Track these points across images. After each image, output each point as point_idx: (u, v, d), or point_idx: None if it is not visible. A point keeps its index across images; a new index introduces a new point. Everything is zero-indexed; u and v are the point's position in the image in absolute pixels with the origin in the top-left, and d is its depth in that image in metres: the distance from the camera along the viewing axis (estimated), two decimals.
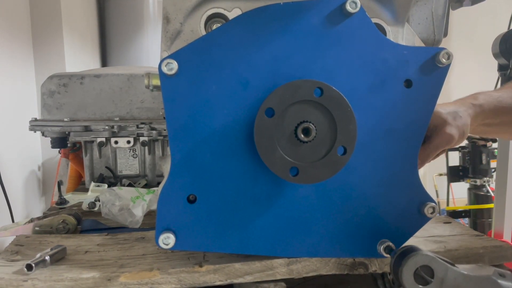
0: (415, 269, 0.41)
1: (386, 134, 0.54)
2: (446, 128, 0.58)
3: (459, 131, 0.58)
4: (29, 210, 1.58)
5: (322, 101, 0.49)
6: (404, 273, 0.41)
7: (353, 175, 0.55)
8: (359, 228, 0.56)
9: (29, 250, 0.65)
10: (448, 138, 0.58)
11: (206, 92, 0.51)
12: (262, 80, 0.51)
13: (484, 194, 1.87)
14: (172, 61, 0.49)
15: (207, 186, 0.53)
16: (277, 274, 0.56)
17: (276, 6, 0.51)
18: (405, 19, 0.59)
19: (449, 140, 0.58)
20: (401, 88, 0.54)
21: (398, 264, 0.43)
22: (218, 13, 0.55)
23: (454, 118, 0.59)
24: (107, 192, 0.90)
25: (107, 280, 0.54)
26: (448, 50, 0.53)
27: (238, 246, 0.55)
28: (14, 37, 1.55)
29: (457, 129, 0.58)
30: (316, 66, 0.52)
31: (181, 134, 0.52)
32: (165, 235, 0.52)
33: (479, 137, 1.90)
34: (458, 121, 0.58)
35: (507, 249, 0.63)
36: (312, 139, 0.49)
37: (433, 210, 0.55)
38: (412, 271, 0.41)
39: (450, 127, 0.58)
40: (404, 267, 0.42)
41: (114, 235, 0.73)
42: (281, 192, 0.54)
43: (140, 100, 1.27)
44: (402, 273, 0.41)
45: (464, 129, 0.59)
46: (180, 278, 0.55)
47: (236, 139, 0.52)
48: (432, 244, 0.63)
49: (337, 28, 0.52)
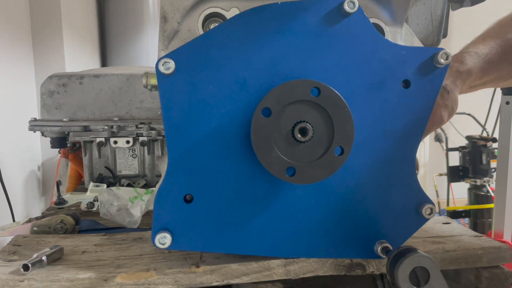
0: (411, 270, 0.41)
1: (384, 135, 0.54)
2: (436, 110, 0.57)
3: (449, 110, 0.58)
4: (29, 210, 1.58)
5: (319, 101, 0.49)
6: (399, 275, 0.41)
7: (351, 176, 0.54)
8: (357, 229, 0.56)
9: (27, 250, 0.65)
10: (438, 120, 0.58)
11: (203, 92, 0.51)
12: (260, 79, 0.51)
13: (484, 194, 1.87)
14: (169, 61, 0.49)
15: (204, 186, 0.53)
16: (274, 274, 0.56)
17: (274, 5, 0.51)
18: (403, 19, 0.58)
19: (440, 122, 0.58)
20: (399, 89, 0.54)
21: (393, 265, 0.43)
22: (215, 13, 0.54)
23: (442, 96, 0.57)
24: (106, 192, 0.90)
25: (104, 280, 0.53)
26: (446, 50, 0.53)
27: (235, 246, 0.55)
28: (14, 37, 1.55)
29: (446, 108, 0.57)
30: (314, 66, 0.52)
31: (177, 134, 0.51)
32: (162, 235, 0.52)
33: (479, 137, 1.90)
34: (447, 99, 0.57)
35: (506, 250, 0.62)
36: (309, 139, 0.48)
37: (430, 211, 0.55)
38: (407, 272, 0.41)
39: (439, 108, 0.57)
40: (399, 268, 0.41)
41: (111, 235, 0.73)
42: (278, 192, 0.54)
43: (139, 100, 1.27)
44: (397, 275, 0.41)
45: (453, 105, 0.58)
46: (176, 279, 0.55)
47: (233, 139, 0.52)
48: (430, 245, 0.63)
49: (335, 28, 0.52)
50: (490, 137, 2.00)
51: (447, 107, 0.57)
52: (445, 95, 0.57)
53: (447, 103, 0.57)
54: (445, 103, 0.57)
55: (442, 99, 0.57)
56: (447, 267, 0.61)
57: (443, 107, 0.57)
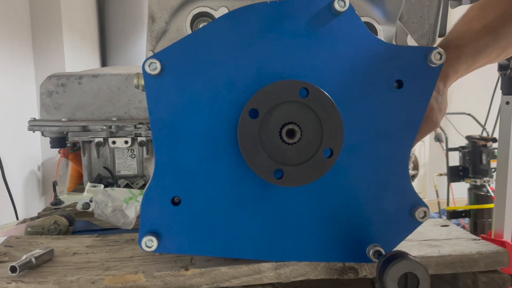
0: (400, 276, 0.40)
1: (376, 136, 0.53)
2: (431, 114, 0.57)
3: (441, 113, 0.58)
4: (28, 210, 1.59)
5: (307, 102, 0.47)
6: (388, 280, 0.40)
7: (342, 178, 0.53)
8: (349, 232, 0.55)
9: (18, 252, 0.65)
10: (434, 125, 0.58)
11: (191, 92, 0.50)
12: (248, 80, 0.50)
13: (484, 194, 1.86)
14: (155, 61, 0.48)
15: (192, 188, 0.52)
16: (264, 278, 0.55)
17: (262, 4, 0.50)
18: (397, 18, 0.57)
19: (435, 126, 0.58)
20: (391, 89, 0.52)
21: (382, 270, 0.42)
22: (204, 12, 0.53)
23: (436, 99, 0.58)
24: (100, 193, 0.89)
25: (91, 283, 0.53)
26: (440, 49, 0.51)
27: (224, 249, 0.54)
28: (14, 37, 1.55)
29: (440, 111, 0.58)
30: (304, 66, 0.51)
31: (165, 135, 0.51)
32: (148, 238, 0.52)
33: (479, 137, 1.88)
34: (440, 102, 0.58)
35: (504, 255, 0.61)
36: (297, 141, 0.47)
37: (424, 214, 0.54)
38: (396, 278, 0.40)
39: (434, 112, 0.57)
40: (388, 273, 0.40)
41: (104, 236, 0.72)
42: (267, 194, 0.53)
43: (138, 100, 1.26)
44: (386, 280, 0.40)
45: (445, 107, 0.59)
46: (165, 282, 0.54)
47: (221, 140, 0.51)
48: (426, 248, 0.62)
49: (325, 27, 0.50)
50: (490, 137, 1.98)
51: (440, 110, 0.57)
52: (438, 98, 0.57)
53: (440, 107, 0.57)
54: (439, 107, 0.57)
55: (436, 103, 0.57)
56: (443, 271, 0.59)
57: (436, 110, 0.56)
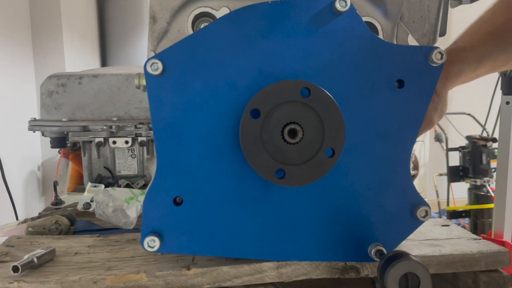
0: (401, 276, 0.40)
1: (377, 136, 0.53)
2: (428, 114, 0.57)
3: (438, 114, 0.59)
4: (28, 210, 1.59)
5: (309, 101, 0.48)
6: (389, 280, 0.40)
7: (344, 177, 0.53)
8: (350, 232, 0.55)
9: (19, 251, 0.65)
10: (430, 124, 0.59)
11: (192, 92, 0.50)
12: (249, 80, 0.50)
13: (484, 194, 1.86)
14: (157, 61, 0.48)
15: (193, 188, 0.52)
16: (266, 277, 0.55)
17: (264, 5, 0.50)
18: (398, 17, 0.57)
19: (431, 125, 0.59)
20: (392, 89, 0.52)
21: (383, 270, 0.42)
22: (205, 12, 0.54)
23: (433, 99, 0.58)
24: (101, 193, 0.89)
25: (93, 282, 0.53)
26: (441, 49, 0.52)
27: (225, 249, 0.54)
28: (14, 37, 1.55)
29: (436, 111, 0.58)
30: (305, 66, 0.51)
31: (166, 135, 0.51)
32: (151, 238, 0.52)
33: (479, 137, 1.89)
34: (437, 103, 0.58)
35: (504, 254, 0.61)
36: (299, 141, 0.47)
37: (425, 213, 0.54)
38: (397, 278, 0.40)
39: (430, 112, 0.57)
40: (389, 273, 0.40)
41: (105, 236, 0.72)
42: (269, 194, 0.53)
43: (138, 100, 1.26)
44: (386, 280, 0.40)
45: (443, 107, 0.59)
46: (167, 281, 0.54)
47: (223, 140, 0.51)
48: (427, 248, 0.62)
49: (327, 27, 0.51)
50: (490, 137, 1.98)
51: (436, 110, 0.57)
52: (435, 99, 0.57)
53: (437, 106, 0.57)
54: (435, 107, 0.57)
55: (433, 103, 0.57)
56: (444, 270, 0.59)
57: (432, 109, 0.57)
